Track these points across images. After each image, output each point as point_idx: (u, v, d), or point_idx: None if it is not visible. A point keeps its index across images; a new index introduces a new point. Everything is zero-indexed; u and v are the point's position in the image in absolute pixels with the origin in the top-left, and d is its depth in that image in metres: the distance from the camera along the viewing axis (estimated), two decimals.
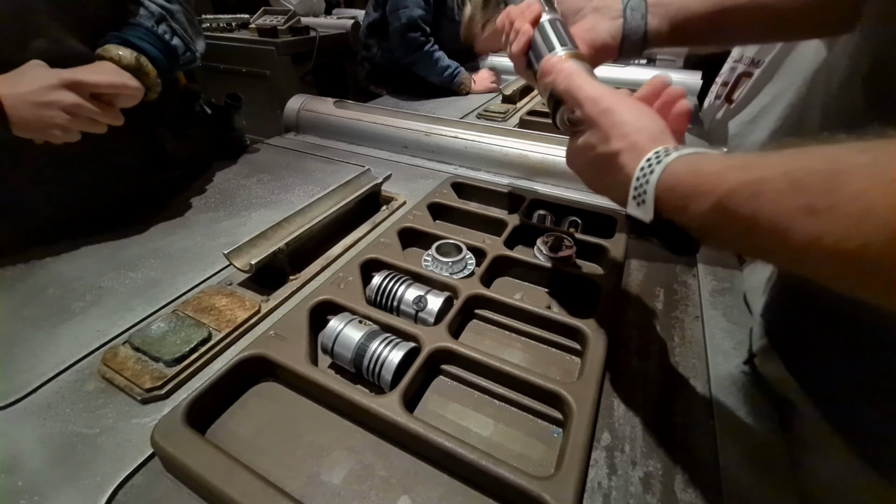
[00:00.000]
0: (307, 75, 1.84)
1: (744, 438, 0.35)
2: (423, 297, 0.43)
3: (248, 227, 0.61)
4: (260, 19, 1.82)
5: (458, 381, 0.39)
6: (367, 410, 0.33)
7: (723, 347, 0.43)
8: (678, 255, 0.30)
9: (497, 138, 0.79)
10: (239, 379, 0.37)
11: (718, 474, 0.32)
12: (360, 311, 0.42)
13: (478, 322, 0.46)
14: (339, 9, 2.81)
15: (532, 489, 0.28)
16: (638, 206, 0.29)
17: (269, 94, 1.76)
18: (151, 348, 0.39)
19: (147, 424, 0.35)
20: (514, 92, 1.14)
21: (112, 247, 0.57)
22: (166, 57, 0.59)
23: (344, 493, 0.31)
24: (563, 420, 0.35)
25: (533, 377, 0.36)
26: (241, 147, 0.86)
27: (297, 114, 0.96)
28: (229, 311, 0.44)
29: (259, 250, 0.48)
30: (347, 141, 0.92)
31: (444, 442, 0.31)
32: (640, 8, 0.41)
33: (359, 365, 0.37)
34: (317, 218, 0.54)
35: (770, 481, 0.32)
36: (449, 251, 0.51)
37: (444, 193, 0.64)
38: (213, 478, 0.29)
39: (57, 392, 0.38)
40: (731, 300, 0.49)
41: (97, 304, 0.47)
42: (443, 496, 0.31)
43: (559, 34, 0.40)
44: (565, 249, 0.50)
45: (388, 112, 0.92)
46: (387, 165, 0.80)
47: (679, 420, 0.37)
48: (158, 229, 0.61)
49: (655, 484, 0.32)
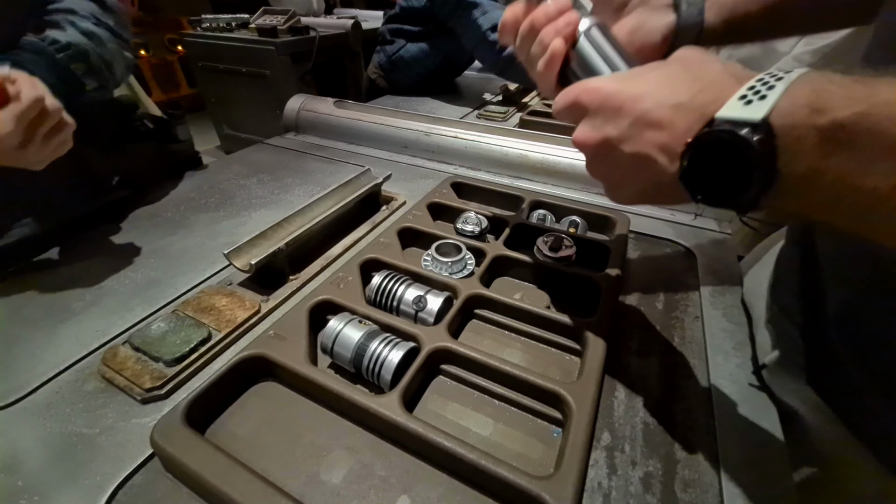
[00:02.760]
0: (307, 75, 1.84)
1: (744, 438, 0.35)
2: (422, 297, 0.43)
3: (248, 227, 0.61)
4: (260, 19, 1.82)
5: (458, 381, 0.39)
6: (367, 410, 0.33)
7: (723, 347, 0.43)
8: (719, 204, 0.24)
9: (497, 138, 0.79)
10: (238, 379, 0.37)
11: (718, 474, 0.32)
12: (359, 310, 0.42)
13: (477, 322, 0.46)
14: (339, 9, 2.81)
15: (531, 489, 0.28)
16: (747, 104, 0.22)
17: (269, 94, 1.76)
18: (151, 348, 0.39)
19: (147, 424, 0.35)
20: (514, 91, 1.14)
21: (112, 247, 0.57)
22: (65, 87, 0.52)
23: (343, 493, 0.31)
24: (562, 420, 0.35)
25: (533, 377, 0.36)
26: (192, 162, 0.79)
27: (297, 114, 0.96)
28: (229, 311, 0.44)
29: (259, 250, 0.48)
30: (347, 141, 0.92)
31: (444, 442, 0.31)
32: (697, 2, 0.35)
33: (358, 365, 0.37)
34: (317, 218, 0.54)
35: (770, 481, 0.32)
36: (448, 251, 0.51)
37: (444, 193, 0.64)
38: (212, 477, 0.29)
39: (57, 392, 0.38)
40: (731, 300, 0.49)
41: (97, 304, 0.47)
42: (442, 496, 0.31)
43: (604, 54, 0.31)
44: (565, 249, 0.50)
45: (388, 112, 0.92)
46: (387, 165, 0.80)
47: (679, 420, 0.37)
48: (158, 229, 0.61)
49: (655, 484, 0.32)
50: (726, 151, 0.22)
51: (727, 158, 0.23)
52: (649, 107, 0.26)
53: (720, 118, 0.23)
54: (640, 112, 0.26)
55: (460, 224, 0.56)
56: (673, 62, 0.28)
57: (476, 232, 0.55)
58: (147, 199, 0.67)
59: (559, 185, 0.73)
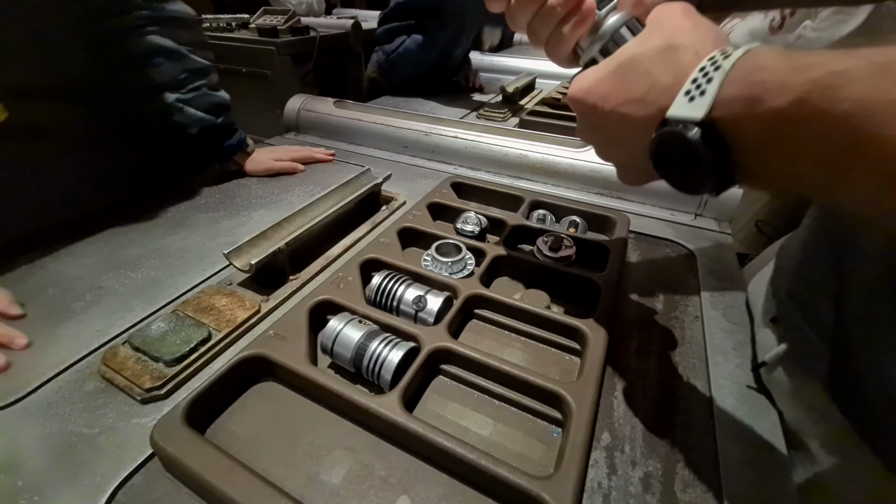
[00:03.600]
0: (307, 75, 1.84)
1: (744, 438, 0.35)
2: (422, 297, 0.43)
3: (248, 227, 0.61)
4: (260, 19, 1.82)
5: (458, 381, 0.39)
6: (367, 410, 0.33)
7: (723, 347, 0.43)
8: (691, 192, 0.26)
9: (497, 138, 0.79)
10: (238, 379, 0.37)
11: (718, 474, 0.32)
12: (359, 310, 0.42)
13: (477, 322, 0.46)
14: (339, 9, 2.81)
15: (531, 489, 0.28)
16: (690, 100, 0.23)
17: (270, 94, 1.76)
18: (151, 348, 0.39)
19: (147, 424, 0.35)
20: (514, 91, 1.14)
21: (112, 247, 0.57)
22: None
23: (343, 493, 0.31)
24: (562, 420, 0.35)
25: (532, 377, 0.36)
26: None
27: (297, 114, 0.96)
28: (229, 311, 0.44)
29: (259, 250, 0.48)
30: (347, 141, 0.92)
31: (444, 442, 0.31)
32: None
33: (358, 365, 0.37)
34: (317, 218, 0.54)
35: (770, 481, 0.32)
36: (448, 251, 0.51)
37: (444, 193, 0.64)
38: (212, 477, 0.29)
39: (57, 392, 0.38)
40: (731, 300, 0.49)
41: (97, 303, 0.47)
42: (442, 496, 0.31)
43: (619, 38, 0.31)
44: (565, 249, 0.50)
45: (388, 112, 0.92)
46: (387, 165, 0.80)
47: (679, 420, 0.36)
48: (158, 229, 0.61)
49: (655, 484, 0.32)
50: (680, 151, 0.23)
51: (687, 157, 0.23)
52: (611, 105, 0.28)
53: (670, 117, 0.24)
54: (608, 109, 0.28)
55: (460, 224, 0.56)
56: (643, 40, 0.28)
57: (476, 232, 0.55)
58: (147, 199, 0.67)
59: (559, 185, 0.73)
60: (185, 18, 0.65)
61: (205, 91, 0.68)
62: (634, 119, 0.27)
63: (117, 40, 0.60)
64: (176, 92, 0.65)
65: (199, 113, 0.67)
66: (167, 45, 0.63)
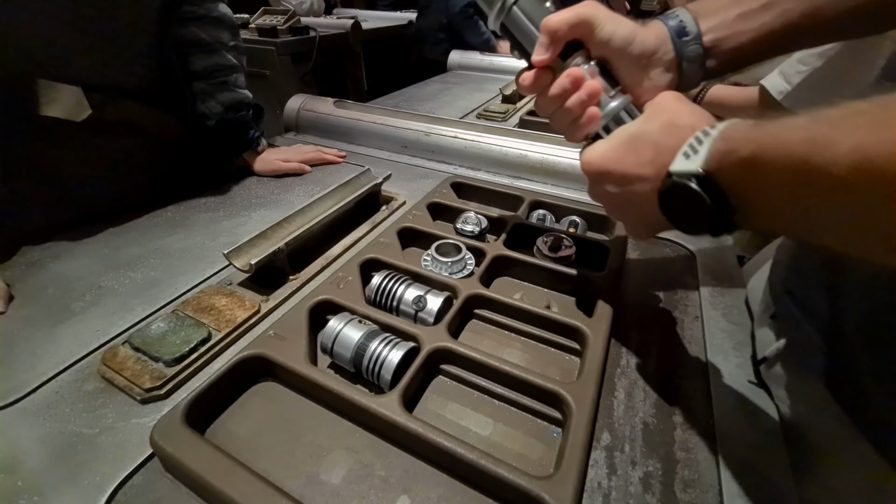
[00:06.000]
0: (307, 75, 1.84)
1: (743, 438, 0.35)
2: (422, 297, 0.43)
3: (248, 227, 0.61)
4: (260, 19, 1.82)
5: (458, 381, 0.39)
6: (367, 410, 0.33)
7: (723, 347, 0.43)
8: (695, 233, 0.31)
9: (497, 138, 0.79)
10: (238, 379, 0.37)
11: (718, 474, 0.32)
12: (359, 310, 0.42)
13: (477, 322, 0.46)
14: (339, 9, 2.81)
15: (531, 489, 0.28)
16: (687, 158, 0.28)
17: (270, 94, 1.76)
18: (151, 348, 0.39)
19: (147, 424, 0.35)
20: (514, 92, 1.14)
21: (112, 247, 0.57)
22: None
23: (343, 493, 0.31)
24: (562, 420, 0.35)
25: (532, 377, 0.36)
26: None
27: (297, 113, 0.96)
28: (229, 311, 0.44)
29: (259, 250, 0.48)
30: (347, 141, 0.92)
31: (444, 441, 0.31)
32: (697, 59, 0.36)
33: (358, 365, 0.37)
34: (317, 218, 0.54)
35: (770, 482, 0.32)
36: (448, 251, 0.51)
37: (444, 193, 0.64)
38: (212, 478, 0.29)
39: (56, 392, 0.38)
40: (731, 300, 0.49)
41: (97, 304, 0.47)
42: (442, 496, 0.31)
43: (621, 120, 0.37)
44: (565, 249, 0.50)
45: (388, 112, 0.92)
46: (387, 165, 0.80)
47: (679, 420, 0.37)
48: (158, 229, 0.61)
49: (655, 484, 0.32)
50: (685, 196, 0.28)
51: (690, 201, 0.28)
52: (625, 168, 0.34)
53: (672, 171, 0.29)
54: (622, 170, 0.35)
55: (460, 224, 0.56)
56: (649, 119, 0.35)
57: (476, 232, 0.55)
58: (147, 199, 0.67)
59: (559, 185, 0.73)
60: (228, 21, 0.71)
61: (230, 87, 0.70)
62: (645, 176, 0.33)
63: (174, 30, 0.65)
64: (203, 82, 0.68)
65: (219, 106, 0.69)
66: (206, 39, 0.67)
